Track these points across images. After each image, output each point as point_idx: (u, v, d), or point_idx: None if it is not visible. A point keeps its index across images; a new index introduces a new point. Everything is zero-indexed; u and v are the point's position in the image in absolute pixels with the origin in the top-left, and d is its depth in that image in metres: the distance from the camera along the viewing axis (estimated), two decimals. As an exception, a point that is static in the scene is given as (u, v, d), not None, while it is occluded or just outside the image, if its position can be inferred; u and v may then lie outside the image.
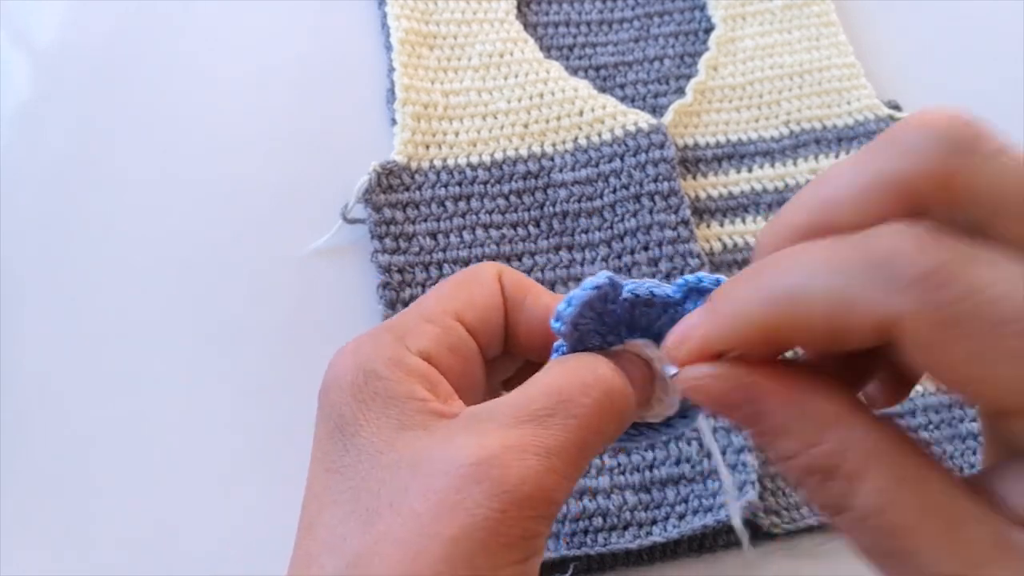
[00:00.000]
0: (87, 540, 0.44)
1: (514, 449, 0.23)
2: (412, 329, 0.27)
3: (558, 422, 0.24)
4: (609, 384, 0.26)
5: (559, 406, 0.25)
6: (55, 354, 0.48)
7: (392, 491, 0.24)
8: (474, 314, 0.28)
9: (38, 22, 0.59)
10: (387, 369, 0.26)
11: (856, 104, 0.56)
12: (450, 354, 0.27)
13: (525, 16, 0.59)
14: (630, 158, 0.52)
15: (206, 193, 0.53)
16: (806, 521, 0.45)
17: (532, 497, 0.23)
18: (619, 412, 0.26)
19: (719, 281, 0.26)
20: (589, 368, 0.26)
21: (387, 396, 0.25)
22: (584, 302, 0.26)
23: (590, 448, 0.25)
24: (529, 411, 0.25)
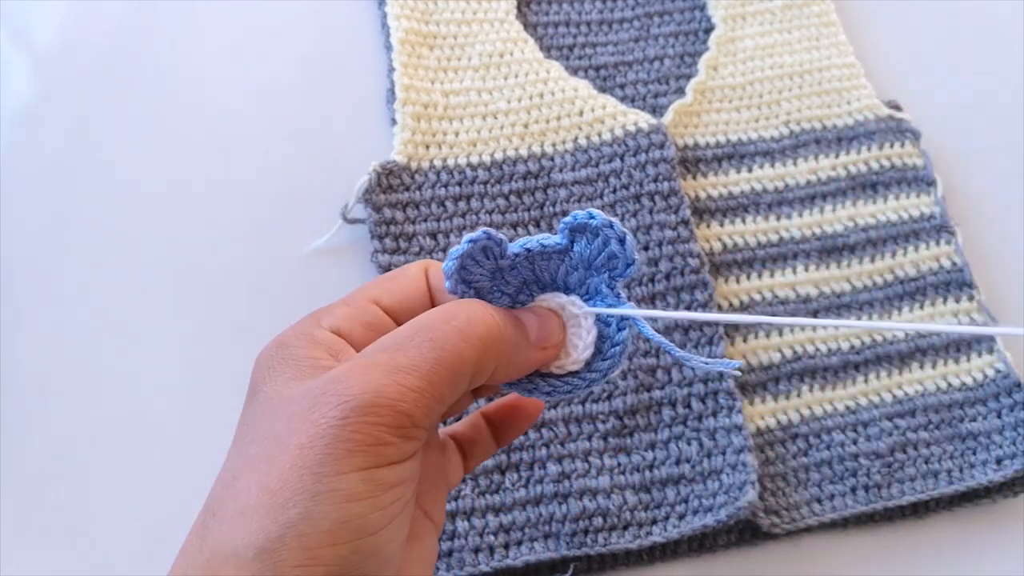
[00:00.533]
0: (87, 540, 0.44)
1: (362, 366, 0.26)
2: (329, 311, 0.30)
3: (414, 344, 0.26)
4: (474, 313, 0.28)
5: (417, 332, 0.27)
6: (55, 354, 0.48)
7: (270, 425, 0.26)
8: (392, 298, 0.30)
9: (38, 22, 0.59)
10: (295, 339, 0.29)
11: (856, 104, 0.56)
12: (363, 329, 0.29)
13: (525, 16, 0.59)
14: (630, 158, 0.52)
15: (206, 193, 0.53)
16: (806, 521, 0.45)
17: (373, 404, 0.25)
18: (482, 338, 0.27)
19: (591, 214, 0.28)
20: (459, 304, 0.28)
21: (290, 359, 0.28)
22: (462, 254, 0.28)
23: (454, 367, 0.27)
24: (390, 340, 0.27)
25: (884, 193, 0.53)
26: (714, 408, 0.46)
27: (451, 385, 0.27)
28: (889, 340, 0.49)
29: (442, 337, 0.27)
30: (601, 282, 0.30)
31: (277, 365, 0.28)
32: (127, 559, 0.44)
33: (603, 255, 0.29)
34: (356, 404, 0.25)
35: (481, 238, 0.28)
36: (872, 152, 0.54)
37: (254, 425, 0.27)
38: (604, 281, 0.30)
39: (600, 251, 0.29)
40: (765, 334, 0.49)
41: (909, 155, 0.54)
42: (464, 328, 0.27)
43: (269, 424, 0.26)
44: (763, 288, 0.51)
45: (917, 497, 0.45)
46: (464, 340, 0.27)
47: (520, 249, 0.29)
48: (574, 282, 0.30)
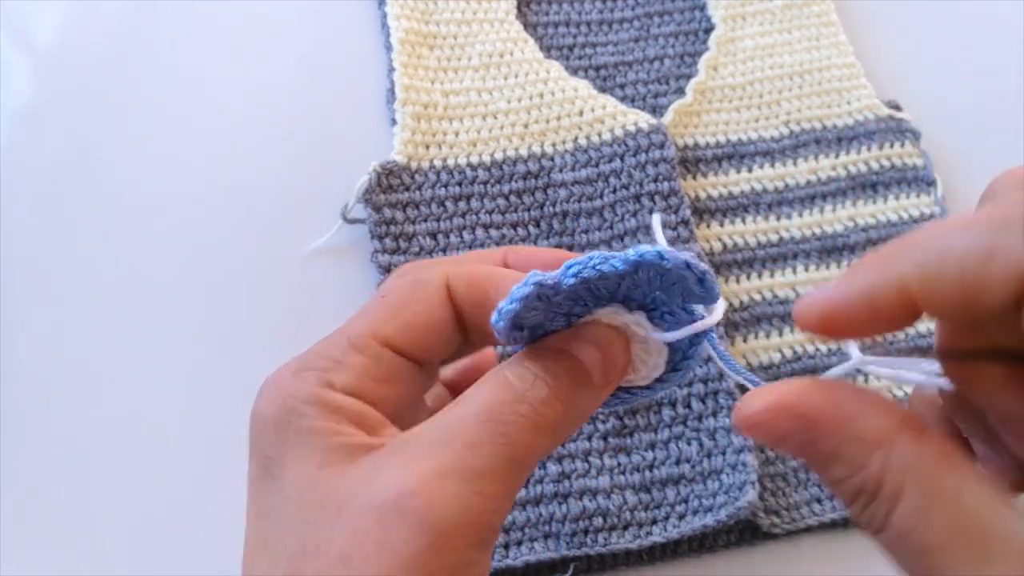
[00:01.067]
0: (87, 540, 0.44)
1: (435, 477, 0.22)
2: (339, 361, 0.26)
3: (485, 442, 0.23)
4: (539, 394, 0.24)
5: (485, 425, 0.24)
6: (55, 354, 0.48)
7: (318, 533, 0.23)
8: (409, 337, 0.27)
9: (38, 22, 0.59)
10: (310, 408, 0.25)
11: (856, 104, 0.56)
12: (379, 385, 0.26)
13: (525, 16, 0.59)
14: (630, 158, 0.52)
15: (206, 193, 0.53)
16: (806, 521, 0.45)
17: (460, 524, 0.22)
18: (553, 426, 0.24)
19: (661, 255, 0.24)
20: (519, 376, 0.25)
21: (309, 433, 0.24)
22: (514, 315, 0.24)
23: (525, 462, 0.24)
24: (454, 433, 0.24)
25: (884, 193, 0.53)
26: (714, 408, 0.46)
27: (522, 481, 0.24)
28: (889, 340, 0.49)
29: (514, 431, 0.23)
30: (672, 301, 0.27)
31: (293, 440, 0.24)
32: (127, 559, 0.44)
33: (676, 286, 0.26)
34: (442, 527, 0.22)
35: (532, 292, 0.24)
36: (872, 152, 0.54)
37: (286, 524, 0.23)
38: (675, 300, 0.27)
39: (673, 283, 0.26)
40: (765, 334, 0.49)
41: (909, 155, 0.54)
42: (535, 418, 0.24)
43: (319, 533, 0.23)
44: (763, 288, 0.51)
45: (917, 497, 0.45)
46: (536, 432, 0.24)
47: (575, 280, 0.25)
48: (638, 296, 0.27)
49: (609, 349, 0.26)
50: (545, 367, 0.25)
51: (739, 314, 0.50)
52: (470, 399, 0.24)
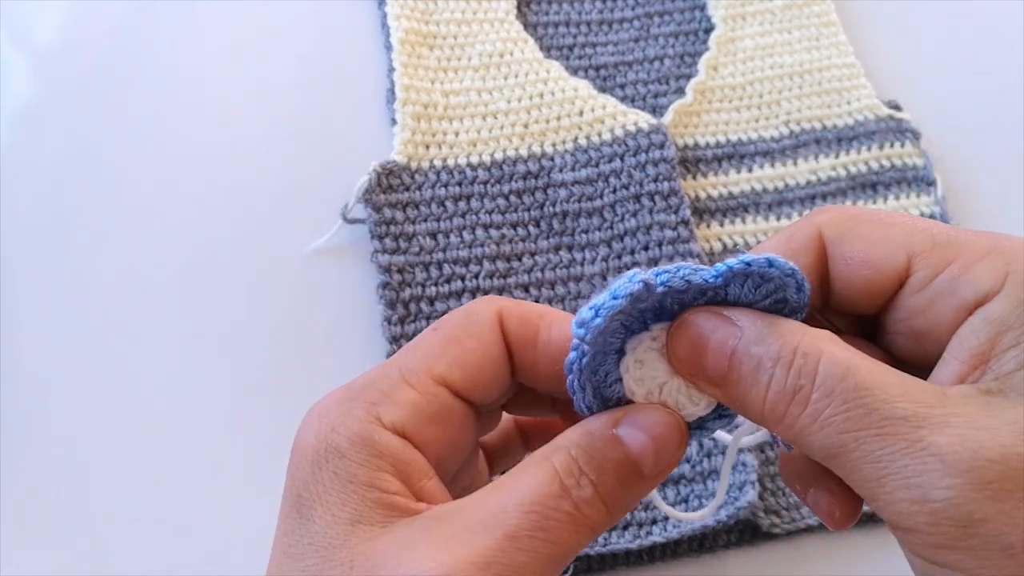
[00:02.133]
0: (87, 540, 0.44)
1: (474, 567, 0.22)
2: (389, 395, 0.25)
3: (525, 535, 0.22)
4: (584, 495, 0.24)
5: (528, 517, 0.23)
6: (55, 354, 0.48)
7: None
8: (464, 374, 0.26)
9: (38, 22, 0.59)
10: (351, 448, 0.24)
11: (856, 104, 0.56)
12: (430, 425, 0.25)
13: (525, 16, 0.59)
14: (630, 158, 0.52)
15: (206, 193, 0.53)
16: (806, 521, 0.45)
17: None
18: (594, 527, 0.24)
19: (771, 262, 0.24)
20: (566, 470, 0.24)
21: (346, 480, 0.23)
22: (614, 312, 0.23)
23: (560, 559, 0.23)
24: (495, 522, 0.23)
25: (884, 193, 0.53)
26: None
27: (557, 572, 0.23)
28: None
29: (555, 528, 0.23)
30: None
31: (328, 483, 0.24)
32: (127, 559, 0.44)
33: (769, 300, 0.25)
34: None
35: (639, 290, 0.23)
36: (872, 152, 0.54)
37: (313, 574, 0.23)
38: None
39: (767, 296, 0.25)
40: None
41: (909, 155, 0.54)
42: (578, 517, 0.23)
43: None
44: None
45: (917, 497, 0.45)
46: (577, 531, 0.23)
47: (663, 288, 0.24)
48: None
49: (664, 441, 0.25)
50: (590, 460, 0.24)
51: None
52: (514, 486, 0.24)
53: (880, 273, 0.24)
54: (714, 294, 0.25)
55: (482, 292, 0.49)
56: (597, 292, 0.25)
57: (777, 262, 0.24)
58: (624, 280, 0.23)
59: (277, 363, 0.48)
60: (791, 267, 0.24)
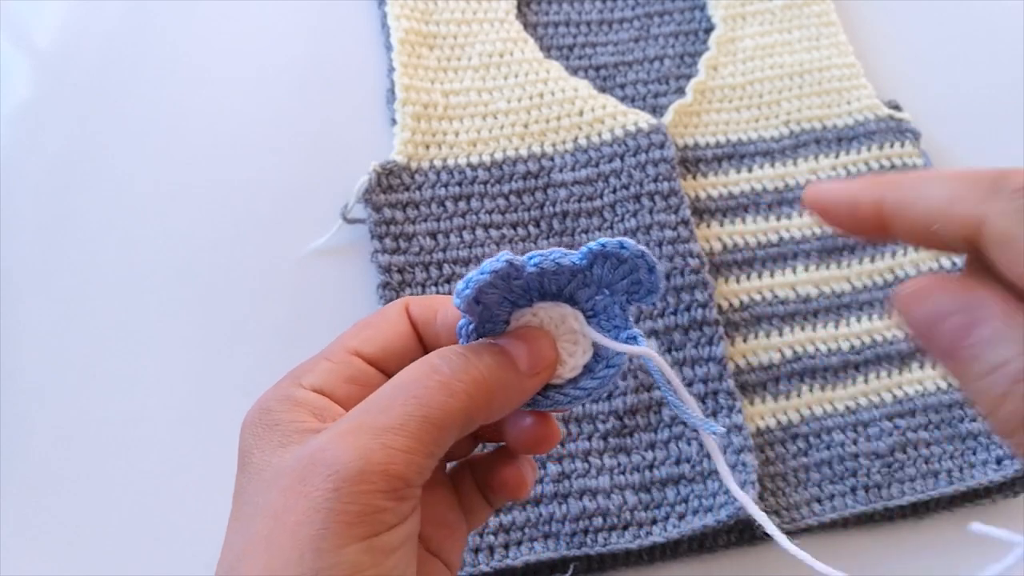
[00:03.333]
0: (87, 541, 0.44)
1: (348, 433, 0.25)
2: (310, 368, 0.29)
3: (397, 404, 0.26)
4: (457, 363, 0.27)
5: (398, 390, 0.26)
6: (55, 354, 0.48)
7: (265, 498, 0.26)
8: (374, 346, 0.30)
9: (38, 22, 0.59)
10: (278, 403, 0.28)
11: (856, 104, 0.56)
12: (347, 384, 0.29)
13: (525, 16, 0.59)
14: (630, 158, 0.52)
15: (206, 193, 0.53)
16: (806, 521, 0.45)
17: (364, 471, 0.24)
18: (468, 390, 0.27)
19: (622, 244, 0.27)
20: (441, 356, 0.28)
21: (274, 425, 0.27)
22: (481, 284, 0.27)
23: (441, 422, 0.26)
24: (372, 402, 0.26)
25: (884, 193, 0.53)
26: (714, 408, 0.46)
27: (440, 440, 0.26)
28: (889, 340, 0.49)
29: (426, 393, 0.26)
30: (614, 302, 0.29)
31: (262, 432, 0.28)
32: (127, 559, 0.44)
33: (626, 281, 0.29)
34: (346, 473, 0.24)
35: (502, 268, 0.27)
36: (872, 152, 0.54)
37: (249, 499, 0.27)
38: (618, 302, 0.29)
39: (624, 277, 0.28)
40: (765, 334, 0.49)
41: (909, 155, 0.54)
42: (449, 382, 0.27)
43: (264, 497, 0.26)
44: (763, 288, 0.51)
45: (917, 497, 0.45)
46: (450, 394, 0.26)
47: (534, 269, 0.28)
48: (582, 297, 0.30)
49: (535, 343, 0.29)
50: (469, 348, 0.28)
51: (739, 314, 0.50)
52: (395, 376, 0.27)
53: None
54: (584, 276, 0.28)
55: (482, 292, 0.49)
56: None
57: (628, 244, 0.27)
58: (494, 259, 0.27)
59: (277, 363, 0.48)
60: (641, 249, 0.27)
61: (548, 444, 0.31)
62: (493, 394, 0.27)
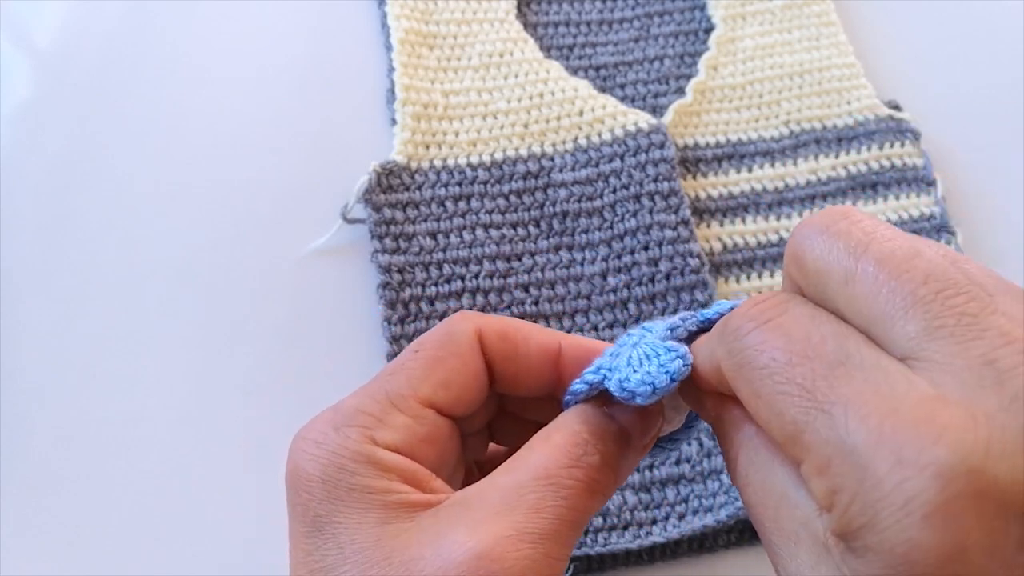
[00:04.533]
0: (87, 540, 0.44)
1: (509, 539, 0.23)
2: (382, 420, 0.26)
3: (548, 505, 0.24)
4: (593, 461, 0.25)
5: (547, 489, 0.24)
6: (55, 354, 0.48)
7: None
8: (448, 394, 0.27)
9: (38, 22, 0.59)
10: (359, 466, 0.25)
11: (856, 104, 0.56)
12: (424, 445, 0.26)
13: (525, 16, 0.59)
14: (630, 158, 0.52)
15: (206, 193, 0.53)
16: (806, 521, 0.45)
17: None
18: (606, 490, 0.26)
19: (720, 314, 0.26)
20: (573, 442, 0.25)
21: (364, 492, 0.25)
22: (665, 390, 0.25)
23: (581, 523, 0.25)
24: (518, 496, 0.24)
25: (884, 193, 0.53)
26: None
27: (577, 538, 0.25)
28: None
29: (573, 495, 0.24)
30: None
31: (346, 498, 0.24)
32: (127, 559, 0.44)
33: None
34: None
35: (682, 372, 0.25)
36: (872, 152, 0.54)
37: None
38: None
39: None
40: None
41: (909, 155, 0.54)
42: (590, 483, 0.25)
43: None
44: (763, 288, 0.51)
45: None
46: (591, 495, 0.25)
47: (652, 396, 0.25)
48: None
49: (645, 410, 0.27)
50: (593, 432, 0.26)
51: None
52: (527, 463, 0.25)
53: None
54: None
55: (482, 292, 0.49)
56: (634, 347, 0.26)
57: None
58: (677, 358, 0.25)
59: (277, 363, 0.48)
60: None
61: None
62: (620, 482, 0.27)
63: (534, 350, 0.28)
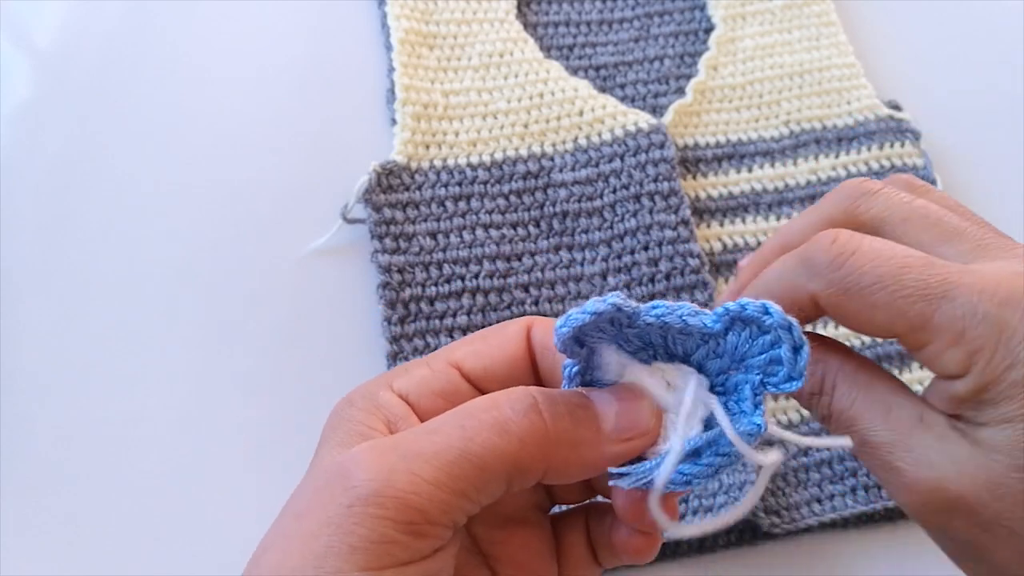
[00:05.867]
0: (87, 540, 0.44)
1: (379, 448, 0.23)
2: (408, 369, 0.28)
3: (443, 430, 0.24)
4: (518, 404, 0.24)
5: (452, 416, 0.24)
6: (55, 354, 0.48)
7: (299, 494, 0.25)
8: (476, 362, 0.27)
9: (38, 22, 0.59)
10: (360, 399, 0.27)
11: (856, 104, 0.56)
12: (436, 397, 0.27)
13: (525, 16, 0.59)
14: (630, 158, 0.52)
15: (206, 193, 0.53)
16: (806, 521, 0.45)
17: (379, 495, 0.22)
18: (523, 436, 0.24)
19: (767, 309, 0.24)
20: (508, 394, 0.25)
21: (346, 420, 0.26)
22: (581, 325, 0.24)
23: (485, 463, 0.23)
24: (427, 423, 0.24)
25: (884, 193, 0.53)
26: (714, 408, 0.46)
27: (478, 482, 0.23)
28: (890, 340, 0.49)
29: (475, 427, 0.24)
30: (746, 381, 0.25)
31: (337, 425, 0.26)
32: (127, 559, 0.44)
33: (764, 356, 0.25)
34: (362, 492, 0.22)
35: (607, 310, 0.23)
36: (872, 152, 0.54)
37: (296, 492, 0.25)
38: (751, 382, 0.25)
39: (763, 351, 0.25)
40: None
41: (909, 155, 0.54)
42: (505, 421, 0.24)
43: (299, 495, 0.25)
44: (763, 288, 0.51)
45: (917, 497, 0.45)
46: (500, 434, 0.24)
47: (655, 320, 0.24)
48: (711, 369, 0.26)
49: (629, 404, 0.26)
50: (545, 393, 0.25)
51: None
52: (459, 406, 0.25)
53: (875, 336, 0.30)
54: (716, 343, 0.25)
55: (482, 292, 0.49)
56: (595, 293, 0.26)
57: (773, 310, 0.24)
58: (600, 298, 0.24)
59: (277, 363, 0.48)
60: (788, 320, 0.24)
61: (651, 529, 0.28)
62: (555, 448, 0.24)
63: None
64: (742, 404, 0.25)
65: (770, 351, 0.25)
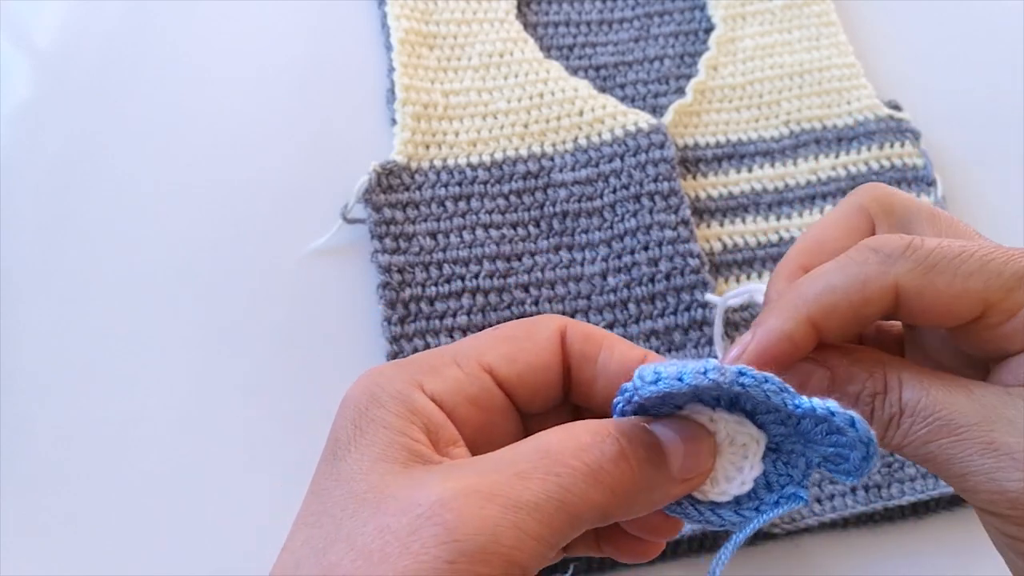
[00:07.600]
0: (87, 540, 0.44)
1: (476, 495, 0.22)
2: (436, 369, 0.26)
3: (537, 476, 0.22)
4: (608, 450, 0.24)
5: (542, 460, 0.23)
6: (55, 355, 0.48)
7: (353, 524, 0.23)
8: (510, 368, 0.26)
9: (38, 22, 0.59)
10: (391, 401, 0.25)
11: (856, 104, 0.56)
12: (468, 404, 0.26)
13: (525, 16, 0.59)
14: (630, 158, 0.52)
15: (206, 193, 0.53)
16: (806, 521, 0.45)
17: (485, 551, 0.21)
18: (615, 486, 0.23)
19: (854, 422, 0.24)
20: (593, 431, 0.24)
21: (380, 425, 0.24)
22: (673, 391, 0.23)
23: (577, 513, 0.23)
24: (510, 462, 0.23)
25: (884, 193, 0.53)
26: (714, 408, 0.46)
27: (570, 532, 0.23)
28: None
29: (570, 476, 0.23)
30: (803, 454, 0.26)
31: (365, 428, 0.24)
32: (127, 559, 0.44)
33: (833, 449, 0.25)
34: (467, 548, 0.21)
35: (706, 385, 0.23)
36: (872, 152, 0.54)
37: (332, 509, 0.23)
38: (809, 457, 0.26)
39: (834, 445, 0.25)
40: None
41: (909, 155, 0.54)
42: (597, 471, 0.23)
43: (353, 524, 0.22)
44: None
45: (917, 497, 0.45)
46: (594, 484, 0.23)
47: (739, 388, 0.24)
48: (772, 431, 0.26)
49: (694, 445, 0.25)
50: (620, 428, 0.25)
51: (739, 314, 0.50)
52: (536, 438, 0.24)
53: (957, 319, 0.27)
54: (790, 419, 0.25)
55: (482, 292, 0.49)
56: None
57: (860, 425, 0.24)
58: (699, 366, 0.23)
59: (277, 363, 0.48)
60: (870, 436, 0.24)
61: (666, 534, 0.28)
62: (638, 495, 0.24)
63: (615, 358, 0.27)
64: (791, 470, 0.26)
65: (839, 448, 0.25)
